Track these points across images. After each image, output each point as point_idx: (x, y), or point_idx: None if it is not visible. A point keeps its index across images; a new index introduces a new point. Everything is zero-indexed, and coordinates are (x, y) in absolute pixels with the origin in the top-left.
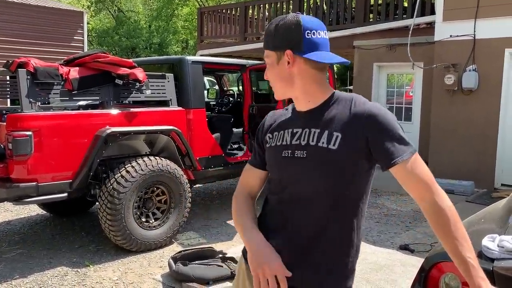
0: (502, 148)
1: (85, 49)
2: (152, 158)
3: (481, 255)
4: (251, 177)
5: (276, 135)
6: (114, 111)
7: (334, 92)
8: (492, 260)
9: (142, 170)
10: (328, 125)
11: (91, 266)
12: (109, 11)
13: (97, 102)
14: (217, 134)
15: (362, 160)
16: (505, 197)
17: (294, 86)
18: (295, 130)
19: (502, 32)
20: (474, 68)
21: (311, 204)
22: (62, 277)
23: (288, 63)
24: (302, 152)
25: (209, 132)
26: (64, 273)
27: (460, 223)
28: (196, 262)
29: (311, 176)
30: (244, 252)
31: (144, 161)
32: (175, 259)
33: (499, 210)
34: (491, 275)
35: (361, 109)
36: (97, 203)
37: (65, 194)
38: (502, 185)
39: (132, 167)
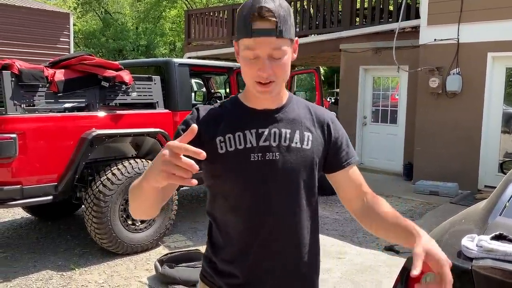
0: (485, 151)
1: (71, 51)
2: (138, 160)
3: (460, 254)
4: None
5: (231, 137)
6: (100, 114)
7: (289, 92)
8: (471, 259)
9: (128, 172)
10: (297, 125)
11: (76, 269)
12: (96, 13)
13: (83, 105)
14: None
15: (320, 160)
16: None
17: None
18: (260, 131)
19: (484, 36)
20: (458, 71)
21: (286, 211)
22: (47, 280)
23: (294, 52)
24: (273, 154)
25: None
26: (49, 277)
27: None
28: (183, 264)
29: (285, 179)
30: (203, 276)
31: (130, 163)
32: (161, 261)
33: (479, 211)
34: (470, 274)
35: (321, 113)
36: (82, 206)
37: (50, 197)
38: (486, 186)
39: (118, 169)
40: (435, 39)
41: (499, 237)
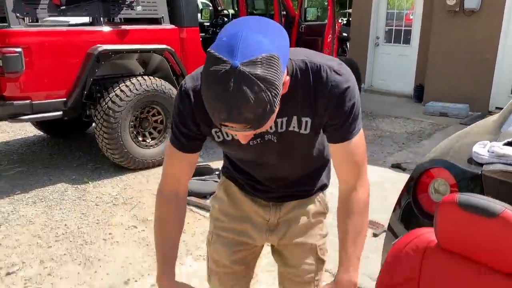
0: (499, 72)
1: None
2: (146, 77)
3: (471, 161)
4: (182, 165)
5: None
6: (106, 28)
7: (294, 66)
8: (481, 165)
9: (136, 89)
10: (294, 110)
11: (90, 182)
12: None
13: (83, 19)
14: None
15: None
16: None
17: None
18: None
19: None
20: None
21: (288, 172)
22: (62, 192)
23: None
24: (272, 136)
25: (203, 52)
26: (64, 189)
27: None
28: (194, 178)
29: (287, 150)
30: (224, 172)
31: (138, 80)
32: None
33: (490, 123)
34: (480, 179)
35: (325, 90)
36: (93, 124)
37: (60, 113)
38: (497, 108)
39: (127, 86)
40: None
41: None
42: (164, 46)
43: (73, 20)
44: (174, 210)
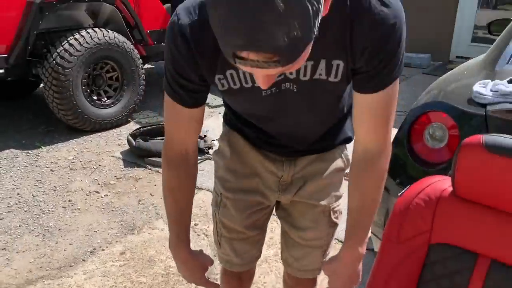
0: (460, 21)
1: None
2: (97, 30)
3: (471, 102)
4: (187, 123)
5: (233, 74)
6: None
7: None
8: (484, 105)
9: (87, 43)
10: (323, 51)
11: (43, 147)
12: None
13: None
14: (168, 5)
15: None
16: None
17: None
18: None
19: None
20: None
21: (307, 127)
22: (12, 159)
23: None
24: (291, 85)
25: (159, 1)
26: (14, 155)
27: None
28: (157, 138)
29: (304, 109)
30: (227, 120)
31: (88, 33)
32: (134, 135)
33: (480, 63)
34: (484, 120)
35: (365, 18)
36: (41, 84)
37: (2, 71)
38: (457, 57)
39: (76, 39)
40: None
41: None
42: None
43: None
44: (185, 178)
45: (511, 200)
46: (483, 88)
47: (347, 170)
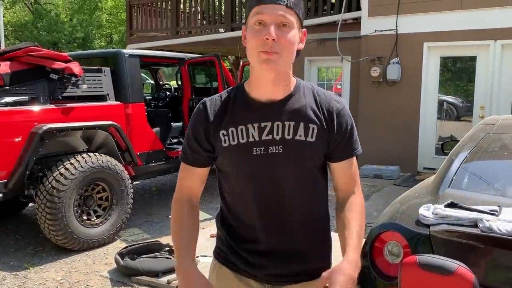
0: (423, 135)
1: (2, 44)
2: (91, 154)
3: (418, 222)
4: (193, 179)
5: (233, 131)
6: (50, 107)
7: (298, 79)
8: (428, 226)
9: (82, 167)
10: (302, 116)
11: (31, 268)
12: (25, 3)
13: (28, 98)
14: (156, 129)
15: (325, 149)
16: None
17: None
18: (263, 124)
19: (421, 27)
20: (397, 60)
21: (293, 195)
22: (0, 281)
23: (301, 41)
24: (277, 147)
25: (149, 126)
26: (2, 277)
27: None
28: (144, 256)
29: (289, 171)
30: (216, 254)
31: (83, 157)
32: (121, 254)
33: (429, 185)
34: (428, 239)
35: (328, 102)
36: (30, 204)
37: (1, 195)
38: (424, 168)
39: (71, 164)
40: (375, 30)
41: (451, 205)
42: (109, 122)
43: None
44: (189, 210)
45: None
46: (427, 211)
47: None
